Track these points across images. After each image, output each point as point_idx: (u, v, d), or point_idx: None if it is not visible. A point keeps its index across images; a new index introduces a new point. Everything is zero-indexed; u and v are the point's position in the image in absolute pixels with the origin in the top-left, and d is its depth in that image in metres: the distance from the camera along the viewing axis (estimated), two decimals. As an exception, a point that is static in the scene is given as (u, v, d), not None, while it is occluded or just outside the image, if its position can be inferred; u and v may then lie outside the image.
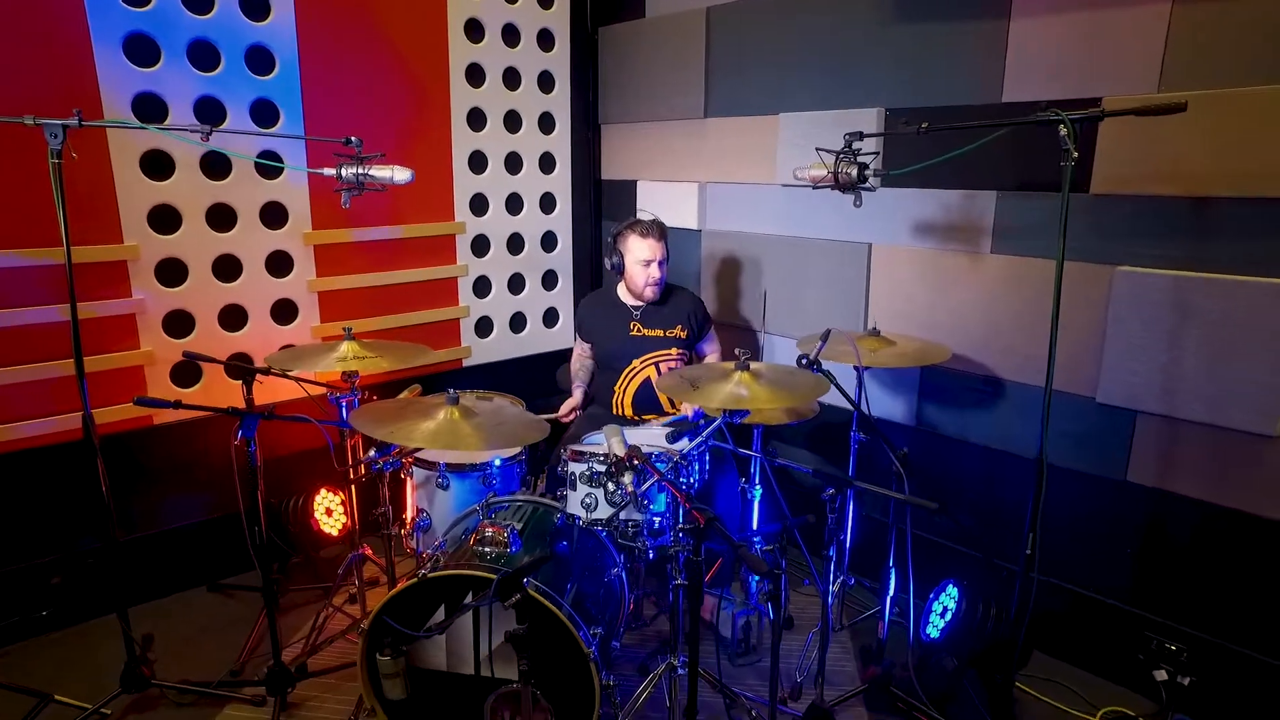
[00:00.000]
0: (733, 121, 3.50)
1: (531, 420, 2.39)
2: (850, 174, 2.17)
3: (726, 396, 2.09)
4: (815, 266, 3.26)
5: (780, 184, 3.32)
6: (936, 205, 2.85)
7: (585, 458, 2.21)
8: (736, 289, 3.60)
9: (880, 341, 2.60)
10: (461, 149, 3.64)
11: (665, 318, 3.08)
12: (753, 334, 3.55)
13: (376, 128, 3.36)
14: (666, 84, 3.73)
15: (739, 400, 2.08)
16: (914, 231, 2.93)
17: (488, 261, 3.84)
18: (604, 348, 3.12)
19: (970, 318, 2.80)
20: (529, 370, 4.05)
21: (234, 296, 3.13)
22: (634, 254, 3.00)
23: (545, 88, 3.89)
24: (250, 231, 3.13)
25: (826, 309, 3.23)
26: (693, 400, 2.08)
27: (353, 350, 2.60)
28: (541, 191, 3.98)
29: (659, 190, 3.87)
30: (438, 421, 2.17)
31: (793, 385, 2.19)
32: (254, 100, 3.05)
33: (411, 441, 2.05)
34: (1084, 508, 2.60)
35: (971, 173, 2.71)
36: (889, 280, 3.03)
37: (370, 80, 3.31)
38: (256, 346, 3.22)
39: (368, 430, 2.10)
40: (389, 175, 2.22)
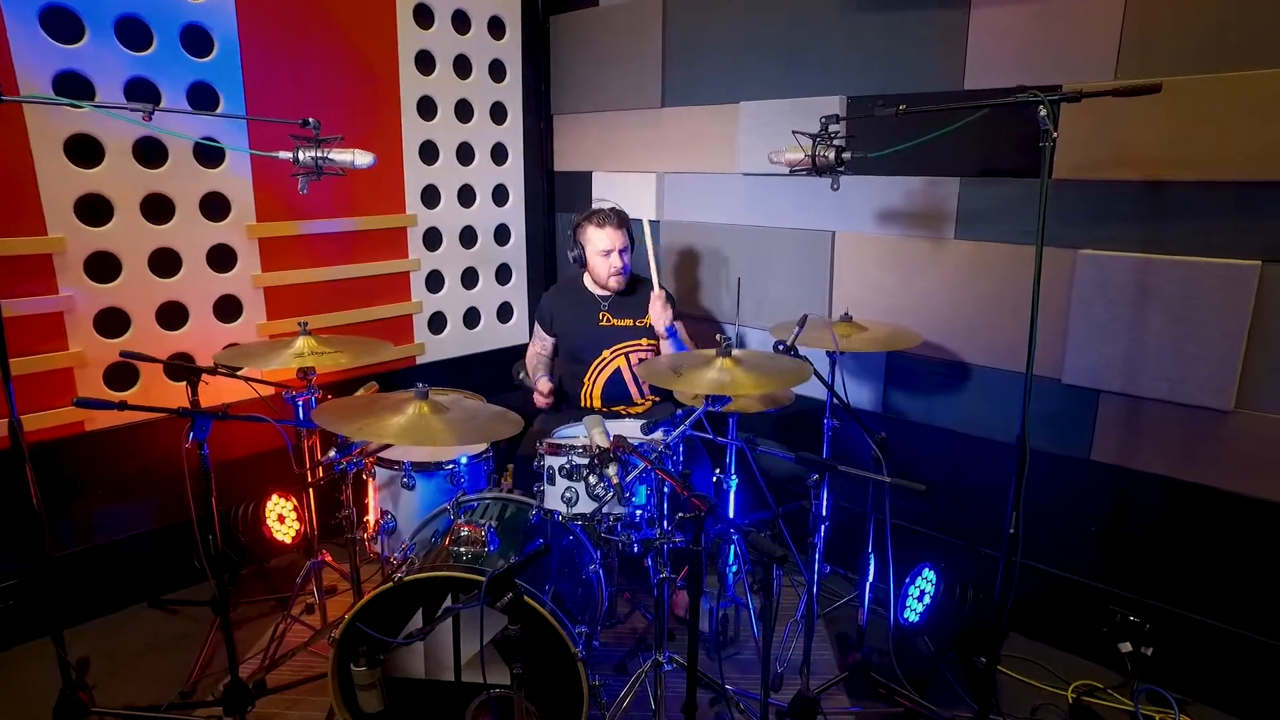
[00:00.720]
0: (691, 110, 3.46)
1: (502, 414, 2.30)
2: (828, 157, 2.16)
3: (710, 382, 2.04)
4: (779, 256, 3.25)
5: (741, 173, 3.30)
6: (899, 192, 2.87)
7: (564, 450, 2.14)
8: (698, 281, 3.56)
9: (852, 327, 2.60)
10: (412, 138, 3.51)
11: (634, 307, 3.03)
12: (717, 325, 3.53)
13: (324, 115, 3.15)
14: (621, 73, 3.67)
15: (722, 386, 2.04)
16: (878, 219, 2.95)
17: (440, 255, 3.72)
18: (572, 339, 3.04)
19: (936, 303, 2.83)
20: (485, 366, 3.94)
21: (173, 293, 2.95)
22: (593, 245, 2.94)
23: (496, 76, 3.79)
24: (190, 223, 2.94)
25: (791, 298, 3.22)
26: (675, 386, 2.02)
27: (309, 346, 2.47)
28: (494, 183, 3.87)
29: (615, 181, 3.81)
30: (407, 417, 2.06)
31: (775, 371, 2.16)
32: (191, 83, 2.87)
33: (383, 437, 1.94)
34: (1050, 488, 2.65)
35: (934, 159, 2.74)
36: (854, 268, 3.04)
37: (317, 65, 3.16)
38: (198, 346, 3.03)
39: (336, 427, 1.99)
40: (349, 159, 2.11)
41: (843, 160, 2.14)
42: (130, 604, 3.00)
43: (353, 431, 1.97)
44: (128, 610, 2.99)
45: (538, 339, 3.18)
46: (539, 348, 3.19)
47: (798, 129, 2.28)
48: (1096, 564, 2.61)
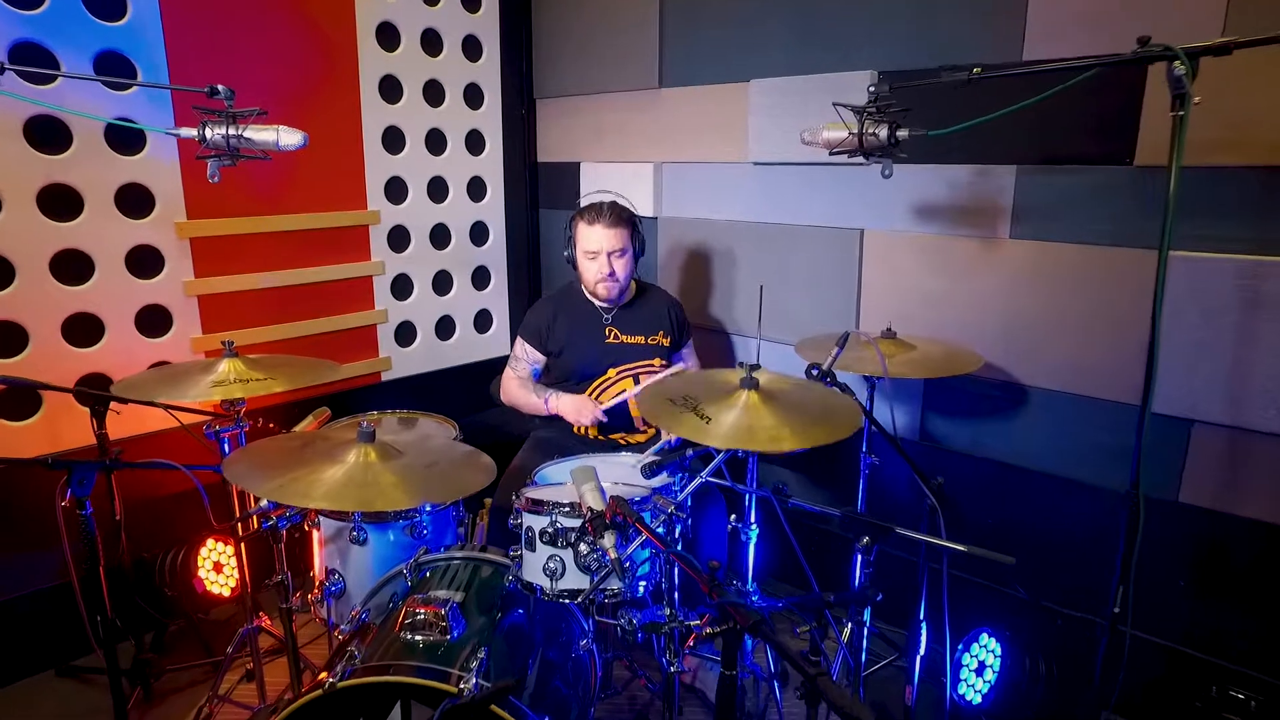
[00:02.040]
0: (693, 91, 3.03)
1: (471, 457, 1.86)
2: (878, 135, 1.71)
3: (734, 432, 1.58)
4: (796, 258, 2.81)
5: (752, 161, 2.86)
6: (941, 183, 2.44)
7: (547, 509, 1.69)
8: (701, 286, 3.13)
9: (897, 345, 2.16)
10: (374, 123, 3.05)
11: (645, 321, 2.57)
12: (724, 337, 3.09)
13: (267, 94, 2.75)
14: (613, 50, 3.23)
15: (751, 437, 1.57)
16: (915, 214, 2.52)
17: (408, 257, 3.26)
18: (573, 358, 2.56)
19: (985, 315, 2.40)
20: (460, 382, 3.49)
21: (84, 303, 2.48)
22: (580, 244, 2.49)
23: (471, 54, 3.33)
24: (103, 220, 2.48)
25: (813, 307, 2.79)
26: (696, 435, 1.56)
27: (235, 370, 2.02)
28: (469, 175, 3.42)
29: (606, 173, 3.36)
30: (347, 467, 1.62)
31: (816, 410, 1.69)
32: (99, 52, 2.40)
33: (309, 500, 1.50)
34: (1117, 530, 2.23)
35: (984, 145, 2.32)
36: (886, 271, 2.61)
37: (258, 34, 2.70)
38: (117, 365, 2.57)
39: (246, 484, 1.54)
40: (272, 139, 1.66)
41: (897, 139, 1.70)
42: (35, 672, 2.54)
43: (271, 491, 1.52)
44: (32, 679, 2.52)
45: (525, 360, 2.63)
46: (519, 372, 2.64)
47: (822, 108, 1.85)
48: (1186, 626, 2.19)
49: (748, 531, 2.09)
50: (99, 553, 1.70)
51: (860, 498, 2.21)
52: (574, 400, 2.46)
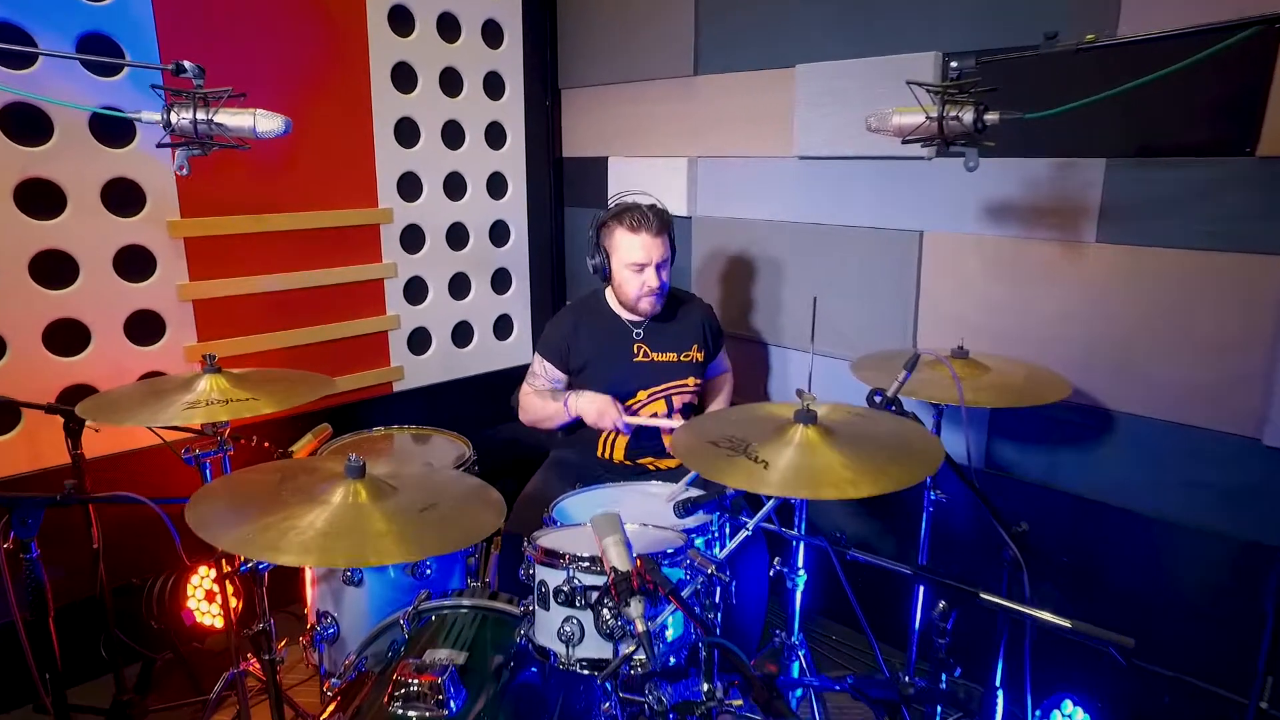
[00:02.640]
0: (732, 78, 2.76)
1: (479, 493, 1.62)
2: (962, 119, 1.43)
3: (790, 476, 1.30)
4: (846, 263, 2.53)
5: (797, 155, 2.59)
6: (1014, 179, 2.15)
7: (563, 563, 1.44)
8: (740, 293, 2.86)
9: (971, 366, 1.88)
10: (386, 114, 2.82)
11: (677, 336, 2.31)
12: (764, 350, 2.82)
13: (269, 83, 2.54)
14: (645, 35, 2.97)
15: (814, 483, 1.29)
16: (983, 214, 2.23)
17: (422, 259, 3.03)
18: (596, 377, 2.29)
19: (1065, 329, 2.11)
20: (478, 393, 3.25)
21: (67, 308, 2.28)
22: (622, 254, 2.20)
23: (492, 40, 3.09)
24: (88, 218, 2.28)
25: (862, 319, 2.51)
26: (753, 484, 1.28)
27: (217, 388, 1.79)
28: (489, 171, 3.18)
29: (637, 168, 3.11)
30: (330, 510, 1.38)
31: (887, 448, 1.40)
32: (82, 35, 2.19)
33: (280, 554, 1.26)
34: (1231, 584, 1.93)
35: (1067, 133, 2.02)
36: (949, 280, 2.32)
37: (258, 16, 2.48)
38: (105, 375, 2.37)
39: (208, 533, 1.30)
40: (247, 124, 1.42)
41: (984, 124, 1.42)
42: (12, 708, 2.34)
43: (237, 543, 1.28)
44: (12, 714, 2.33)
45: (543, 377, 2.37)
46: (544, 387, 2.36)
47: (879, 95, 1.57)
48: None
49: (794, 578, 1.83)
50: (48, 600, 1.48)
51: (923, 540, 1.93)
52: (595, 400, 2.20)
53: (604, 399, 2.20)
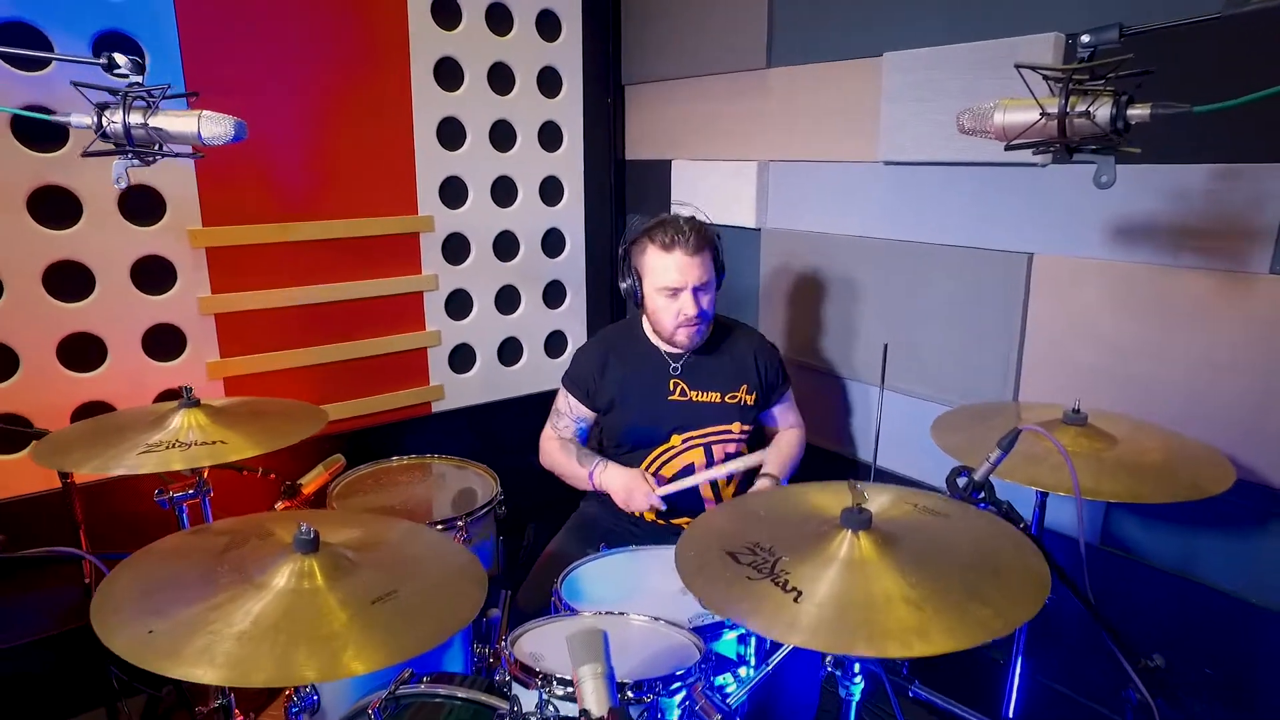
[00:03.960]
0: (809, 71, 2.40)
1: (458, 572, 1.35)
2: (1096, 115, 1.04)
3: (840, 614, 0.94)
4: (937, 287, 2.14)
5: (882, 160, 2.21)
6: (1161, 189, 1.71)
7: (537, 682, 1.15)
8: (811, 317, 2.49)
9: (1090, 437, 1.46)
10: (427, 114, 2.60)
11: (723, 372, 1.98)
12: (837, 384, 2.45)
13: (298, 80, 2.36)
14: (713, 23, 2.64)
15: (869, 630, 0.91)
16: (1114, 233, 1.80)
17: (466, 270, 2.81)
18: (625, 418, 2.00)
19: (1221, 382, 1.66)
20: (526, 415, 2.98)
21: (82, 322, 2.16)
22: (654, 277, 1.90)
23: (548, 32, 2.83)
24: (104, 227, 2.15)
25: (953, 354, 2.11)
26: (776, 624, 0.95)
27: (192, 425, 1.59)
28: (543, 175, 2.92)
29: (701, 173, 2.79)
30: (270, 597, 1.14)
31: (971, 567, 1.03)
32: (99, 33, 2.06)
33: (180, 665, 1.01)
34: None
35: (1231, 130, 1.58)
36: (1064, 313, 1.90)
37: (289, 8, 2.30)
38: (123, 393, 2.25)
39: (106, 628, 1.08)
40: (190, 129, 1.19)
41: (1128, 122, 1.03)
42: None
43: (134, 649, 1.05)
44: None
45: (568, 415, 2.11)
46: (568, 429, 2.11)
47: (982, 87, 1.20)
48: None
49: (849, 685, 1.47)
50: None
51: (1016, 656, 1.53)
52: (625, 477, 1.90)
53: (633, 476, 1.90)
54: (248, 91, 2.28)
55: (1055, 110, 1.06)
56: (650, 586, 1.59)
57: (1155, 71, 1.09)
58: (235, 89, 2.25)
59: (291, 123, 2.38)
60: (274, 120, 2.35)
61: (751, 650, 1.41)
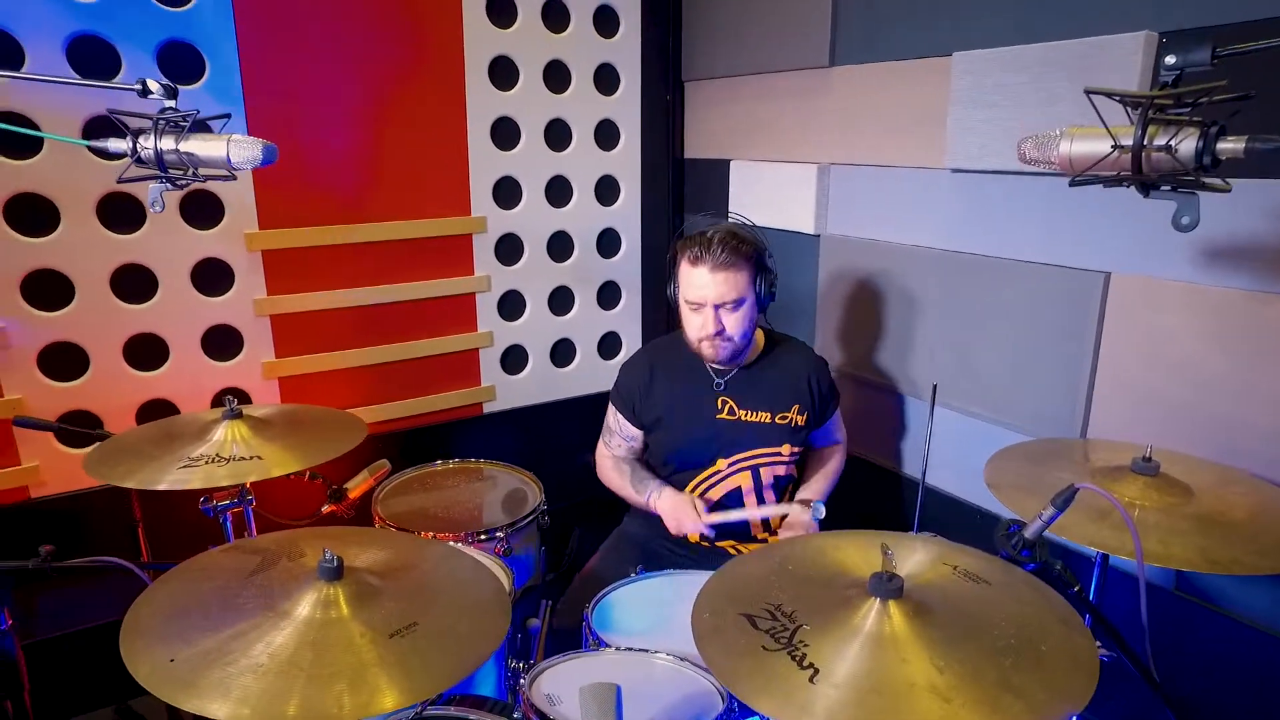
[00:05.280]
0: (874, 70, 2.28)
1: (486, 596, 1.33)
2: (1178, 150, 0.92)
3: (854, 699, 0.86)
4: (1003, 304, 2.01)
5: (949, 168, 2.08)
6: (1256, 206, 1.55)
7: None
8: (868, 327, 2.39)
9: (1162, 490, 1.32)
10: (482, 114, 2.59)
11: (773, 391, 1.90)
12: (893, 399, 2.34)
13: (353, 83, 2.37)
14: (776, 18, 2.53)
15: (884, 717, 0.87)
16: (1201, 254, 1.65)
17: (520, 271, 2.79)
18: (671, 437, 1.94)
19: (1318, 424, 1.50)
20: (579, 416, 2.98)
21: (146, 323, 2.24)
22: (682, 289, 1.84)
23: (605, 29, 2.77)
24: (166, 231, 2.21)
25: (1015, 377, 1.98)
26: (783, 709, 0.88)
27: (235, 437, 1.62)
28: (598, 174, 2.88)
29: (760, 174, 2.69)
30: (292, 627, 1.14)
31: (1013, 645, 0.95)
32: (163, 42, 2.10)
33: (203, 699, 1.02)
34: None
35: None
36: (1142, 339, 1.75)
37: (343, 11, 2.31)
38: (183, 391, 2.32)
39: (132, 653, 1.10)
40: (218, 153, 1.19)
41: (1219, 157, 0.91)
42: (94, 708, 2.37)
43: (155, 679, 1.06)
44: (89, 716, 2.37)
45: (618, 434, 2.06)
46: (620, 447, 2.06)
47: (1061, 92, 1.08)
48: None
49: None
50: (22, 678, 1.36)
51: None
52: (674, 501, 1.84)
53: (683, 501, 1.84)
54: (304, 95, 2.30)
55: (1130, 142, 0.94)
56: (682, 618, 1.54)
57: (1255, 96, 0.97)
58: (292, 93, 2.28)
59: (346, 125, 2.39)
60: (329, 123, 2.37)
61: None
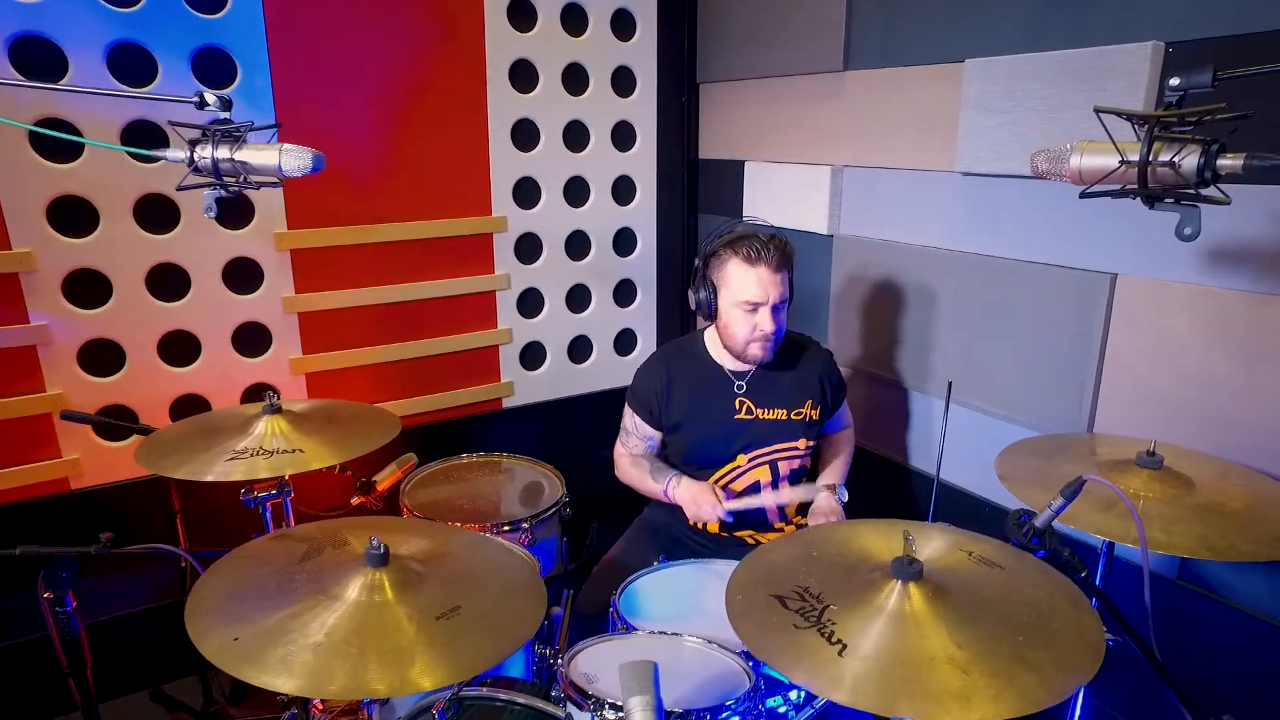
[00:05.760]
0: (887, 75, 2.34)
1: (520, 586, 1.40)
2: (1181, 166, 0.99)
3: (884, 670, 0.95)
4: (1013, 304, 2.07)
5: (960, 171, 2.14)
6: (1260, 212, 1.61)
7: (590, 704, 1.20)
8: (880, 326, 2.45)
9: (1166, 483, 1.40)
10: (502, 116, 2.65)
11: (789, 389, 1.97)
12: (903, 395, 2.41)
13: (378, 87, 2.43)
14: (792, 22, 2.59)
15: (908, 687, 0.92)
16: (1205, 257, 1.71)
17: (538, 269, 2.86)
18: (692, 437, 2.00)
19: (1316, 421, 1.57)
20: (595, 411, 3.05)
21: (179, 320, 2.31)
22: (734, 290, 1.87)
23: (623, 32, 2.83)
24: (199, 232, 2.28)
25: (1025, 375, 2.05)
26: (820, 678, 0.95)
27: (274, 431, 1.69)
28: (615, 175, 2.94)
29: (774, 175, 2.75)
30: (343, 609, 1.21)
31: (1027, 626, 1.02)
32: (197, 49, 2.17)
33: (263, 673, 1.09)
34: None
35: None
36: (1147, 339, 1.82)
37: (368, 17, 2.37)
38: (214, 387, 2.40)
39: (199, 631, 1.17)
40: (271, 161, 1.26)
41: (1219, 173, 0.98)
42: (131, 691, 2.45)
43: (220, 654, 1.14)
44: (126, 699, 2.44)
45: (635, 434, 2.11)
46: (638, 447, 2.11)
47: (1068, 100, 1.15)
48: None
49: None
50: (84, 653, 1.43)
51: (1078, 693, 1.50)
52: (692, 489, 1.90)
53: (702, 488, 1.90)
54: (331, 99, 2.37)
55: (1136, 158, 1.01)
56: (705, 605, 1.62)
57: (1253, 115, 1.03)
58: (320, 97, 2.34)
59: (372, 128, 2.46)
60: (355, 126, 2.43)
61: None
